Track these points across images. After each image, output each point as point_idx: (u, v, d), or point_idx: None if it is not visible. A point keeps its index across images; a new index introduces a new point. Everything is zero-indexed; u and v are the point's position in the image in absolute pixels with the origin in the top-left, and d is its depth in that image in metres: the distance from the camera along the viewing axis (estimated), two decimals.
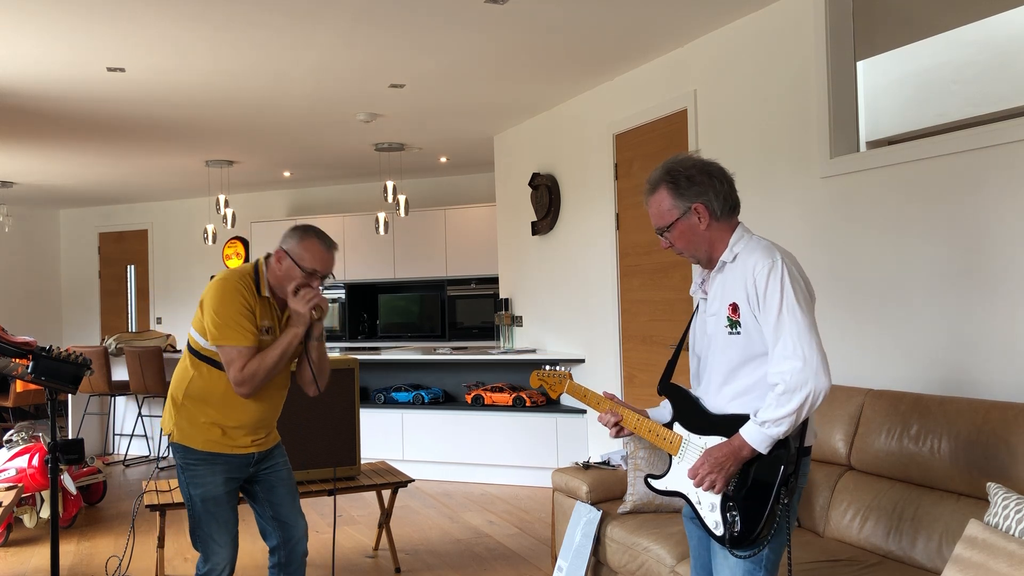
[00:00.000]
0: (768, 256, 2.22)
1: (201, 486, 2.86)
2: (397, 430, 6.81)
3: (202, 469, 2.87)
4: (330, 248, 2.89)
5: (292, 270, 2.83)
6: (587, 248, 6.09)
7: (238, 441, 2.89)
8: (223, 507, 2.89)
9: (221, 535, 2.89)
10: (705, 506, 2.30)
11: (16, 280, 11.30)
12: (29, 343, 3.41)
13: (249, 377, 2.78)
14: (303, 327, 2.83)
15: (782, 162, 4.21)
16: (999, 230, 3.13)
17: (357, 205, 10.13)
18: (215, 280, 2.86)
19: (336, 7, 4.15)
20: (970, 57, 3.43)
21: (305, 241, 2.85)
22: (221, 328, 2.78)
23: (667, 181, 2.33)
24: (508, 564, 4.54)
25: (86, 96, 5.70)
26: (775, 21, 4.25)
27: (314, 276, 2.84)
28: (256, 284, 2.87)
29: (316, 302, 2.82)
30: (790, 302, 2.17)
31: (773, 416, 2.15)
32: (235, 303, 2.79)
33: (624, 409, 2.47)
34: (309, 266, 2.83)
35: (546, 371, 2.73)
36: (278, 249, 2.89)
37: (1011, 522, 2.21)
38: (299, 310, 2.81)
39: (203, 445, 2.86)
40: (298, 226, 2.92)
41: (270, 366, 2.80)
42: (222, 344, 2.78)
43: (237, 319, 2.78)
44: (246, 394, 2.81)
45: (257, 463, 2.98)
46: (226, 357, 2.80)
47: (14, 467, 5.14)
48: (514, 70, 5.42)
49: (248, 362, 2.77)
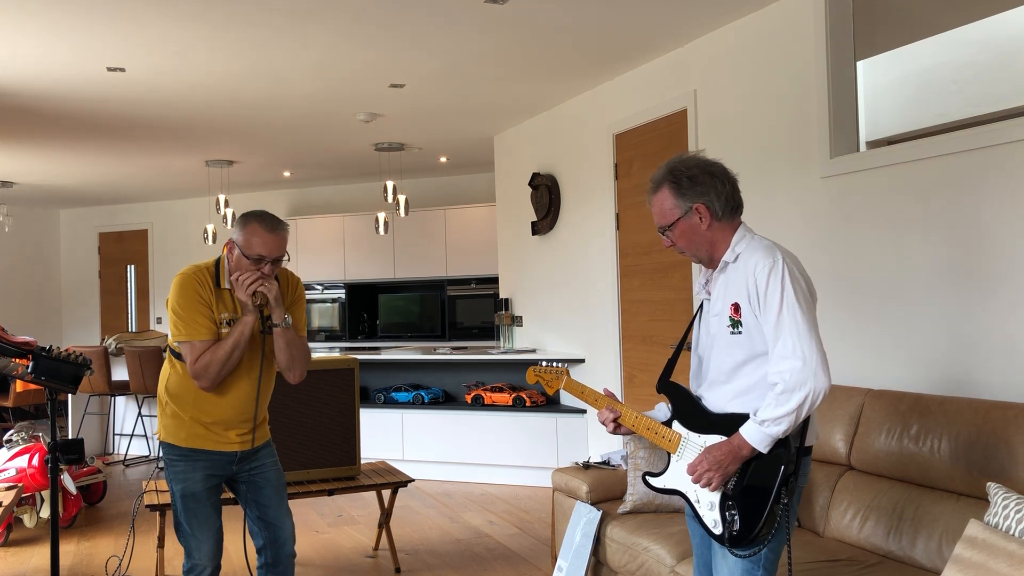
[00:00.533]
0: (769, 256, 2.23)
1: (181, 482, 2.87)
2: (397, 430, 6.81)
3: (182, 465, 2.87)
4: (274, 229, 2.80)
5: (240, 259, 2.81)
6: (587, 248, 6.09)
7: (221, 436, 2.88)
8: (202, 504, 2.89)
9: (201, 531, 2.89)
10: (704, 504, 2.30)
11: (16, 280, 11.29)
12: (29, 343, 3.41)
13: (202, 370, 2.76)
14: (251, 315, 2.80)
15: (782, 162, 4.21)
16: (999, 230, 3.13)
17: (357, 205, 10.12)
18: (176, 276, 2.85)
19: (336, 7, 4.15)
20: (970, 57, 3.43)
21: (248, 227, 2.80)
22: (177, 324, 2.79)
23: (669, 180, 2.34)
24: (508, 564, 4.54)
25: (86, 96, 5.70)
26: (775, 21, 4.25)
27: (262, 262, 2.79)
28: (217, 276, 2.86)
29: (254, 287, 2.76)
30: (790, 302, 2.17)
31: (772, 415, 2.15)
32: (189, 298, 2.79)
33: (622, 406, 2.47)
34: (255, 252, 2.78)
35: (542, 367, 2.72)
36: (228, 239, 2.87)
37: (1011, 522, 2.21)
38: (240, 297, 2.79)
39: (186, 440, 2.87)
40: (245, 213, 2.87)
41: (222, 358, 2.77)
42: (180, 340, 2.80)
43: (191, 314, 2.78)
44: (204, 387, 2.80)
45: (240, 462, 2.95)
46: (183, 351, 2.81)
47: (14, 467, 5.14)
48: (514, 70, 5.42)
49: (202, 355, 2.77)
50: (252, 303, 2.78)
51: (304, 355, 2.96)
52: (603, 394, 2.52)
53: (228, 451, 2.91)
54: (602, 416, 2.47)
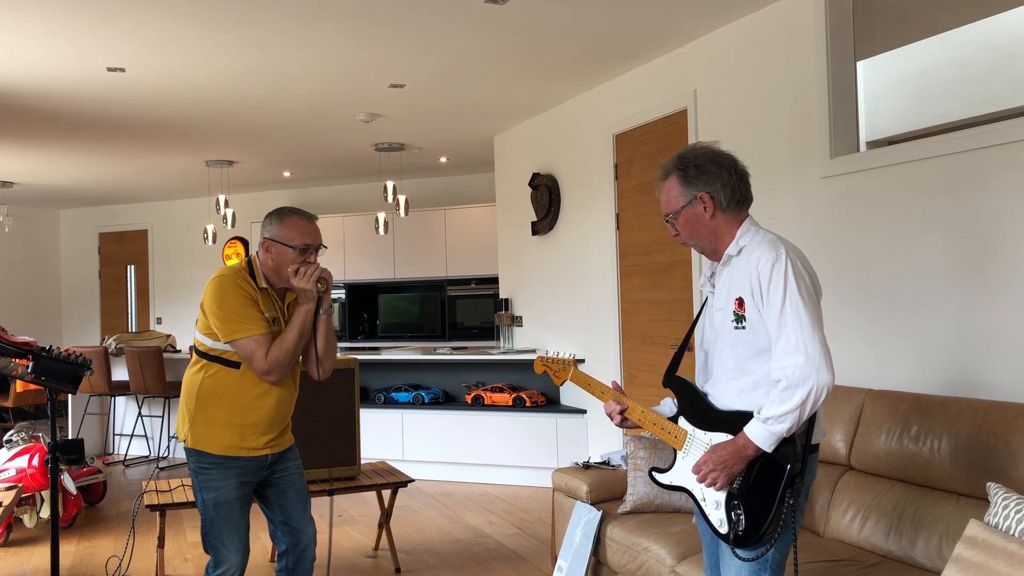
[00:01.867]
0: (772, 250, 2.22)
1: (214, 490, 2.83)
2: (397, 430, 6.81)
3: (215, 473, 2.84)
4: (311, 219, 2.90)
5: (284, 253, 2.82)
6: (587, 248, 6.09)
7: (254, 442, 2.86)
8: (235, 511, 2.86)
9: (232, 540, 2.87)
10: (710, 503, 2.28)
11: (16, 280, 11.29)
12: (29, 343, 3.41)
13: (275, 363, 2.77)
14: (313, 302, 2.84)
15: (782, 162, 4.21)
16: (999, 230, 3.13)
17: (357, 205, 10.13)
18: (211, 279, 2.84)
19: (336, 7, 4.15)
20: (970, 57, 3.43)
21: (287, 220, 2.85)
22: (229, 323, 2.76)
23: (678, 168, 2.35)
24: (508, 564, 4.54)
25: (86, 96, 5.70)
26: (775, 21, 4.25)
27: (308, 251, 2.84)
28: (252, 277, 2.86)
29: (319, 274, 2.82)
30: (793, 297, 2.15)
31: (776, 412, 2.13)
32: (236, 296, 2.78)
33: (629, 400, 2.46)
34: (300, 243, 2.82)
35: (550, 357, 2.71)
36: (263, 239, 2.87)
37: (1011, 522, 2.21)
38: (305, 287, 2.80)
39: (218, 449, 2.83)
40: (273, 211, 2.91)
41: (291, 348, 2.79)
42: (235, 339, 2.76)
43: (242, 311, 2.77)
44: (276, 381, 2.81)
45: (271, 466, 2.94)
46: (244, 351, 2.77)
47: (14, 467, 5.14)
48: (514, 70, 5.42)
49: (269, 349, 2.77)
50: (317, 290, 2.83)
51: (335, 346, 3.00)
52: (610, 387, 2.52)
53: (260, 455, 2.89)
54: (608, 408, 2.46)
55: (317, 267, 2.83)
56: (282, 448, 2.97)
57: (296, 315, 2.83)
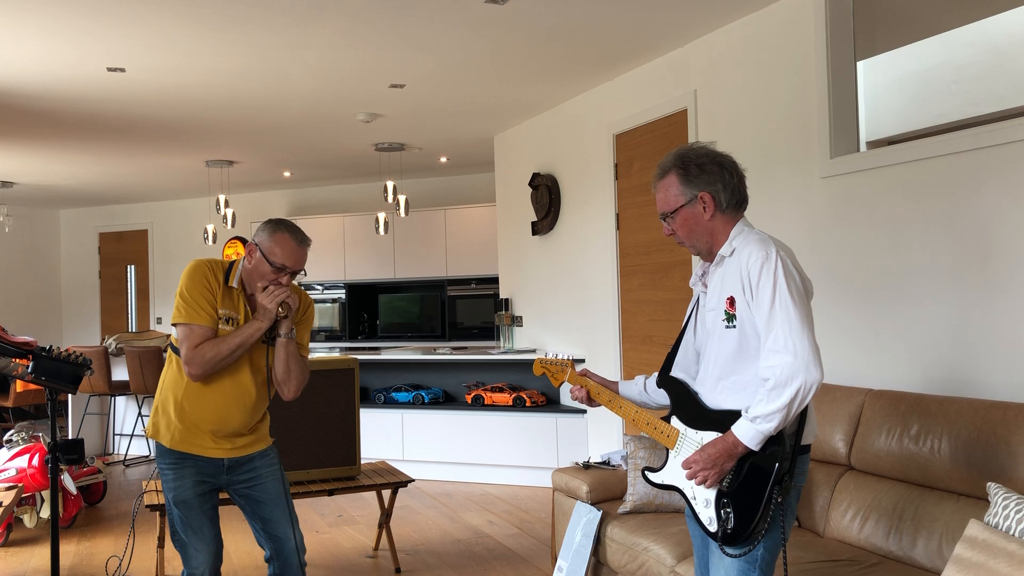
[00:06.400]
0: (762, 248, 2.21)
1: (172, 489, 2.85)
2: (397, 430, 6.81)
3: (171, 473, 2.84)
4: (302, 243, 2.83)
5: (261, 264, 2.80)
6: (587, 248, 6.09)
7: (203, 441, 2.83)
8: (194, 511, 2.85)
9: (197, 540, 2.85)
10: (700, 502, 2.29)
11: (16, 280, 11.29)
12: (29, 343, 3.41)
13: (198, 357, 2.72)
14: (267, 323, 2.78)
15: (782, 162, 4.21)
16: (999, 230, 3.13)
17: (357, 205, 10.12)
18: (189, 263, 2.85)
19: (336, 7, 4.15)
20: (970, 57, 3.43)
21: (276, 235, 2.80)
22: (180, 307, 2.77)
23: (678, 167, 2.34)
24: (508, 564, 4.54)
25: (86, 96, 5.70)
26: (775, 21, 4.25)
27: (283, 272, 2.79)
28: (227, 272, 2.85)
29: (283, 299, 2.77)
30: (783, 295, 2.15)
31: (764, 411, 2.13)
32: (197, 284, 2.78)
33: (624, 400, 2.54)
34: (279, 261, 2.78)
35: (548, 359, 2.73)
36: (250, 242, 2.86)
37: (1011, 522, 2.21)
38: (266, 306, 2.76)
39: (170, 443, 2.84)
40: (272, 219, 2.86)
41: (224, 352, 2.74)
42: (177, 322, 2.77)
43: (195, 299, 2.76)
44: (194, 376, 2.75)
45: (231, 471, 2.89)
46: (180, 335, 2.77)
47: (14, 467, 5.14)
48: (514, 70, 5.42)
49: (202, 343, 2.74)
50: (277, 313, 2.78)
51: (301, 371, 2.91)
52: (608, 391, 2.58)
53: (214, 457, 2.86)
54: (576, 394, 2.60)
55: (286, 291, 2.78)
56: (243, 453, 2.91)
57: (245, 326, 2.78)
